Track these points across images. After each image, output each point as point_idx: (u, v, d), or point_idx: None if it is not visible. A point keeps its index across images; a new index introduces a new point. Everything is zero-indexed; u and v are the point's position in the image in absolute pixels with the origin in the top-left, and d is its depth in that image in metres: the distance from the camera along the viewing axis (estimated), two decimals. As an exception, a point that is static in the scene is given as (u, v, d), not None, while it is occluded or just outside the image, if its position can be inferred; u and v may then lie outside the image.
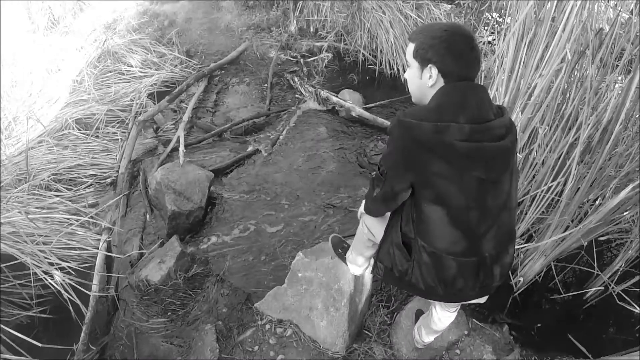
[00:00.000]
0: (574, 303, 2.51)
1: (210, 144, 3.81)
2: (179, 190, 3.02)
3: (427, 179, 1.34)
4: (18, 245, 2.50)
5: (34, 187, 3.19)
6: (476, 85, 1.36)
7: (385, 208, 1.61)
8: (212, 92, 4.44)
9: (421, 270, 1.50)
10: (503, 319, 2.48)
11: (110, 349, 2.51)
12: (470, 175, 1.33)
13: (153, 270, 2.65)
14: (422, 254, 1.48)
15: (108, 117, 3.91)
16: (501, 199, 1.42)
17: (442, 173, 1.32)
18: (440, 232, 1.42)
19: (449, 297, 1.57)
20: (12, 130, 3.78)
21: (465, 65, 1.33)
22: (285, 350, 2.34)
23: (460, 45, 1.32)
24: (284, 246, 2.92)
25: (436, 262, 1.46)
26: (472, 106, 1.31)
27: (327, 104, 4.10)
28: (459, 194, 1.35)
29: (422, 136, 1.28)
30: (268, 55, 4.92)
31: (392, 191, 1.45)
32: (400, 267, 1.58)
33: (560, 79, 2.19)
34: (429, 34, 1.35)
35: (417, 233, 1.49)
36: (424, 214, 1.43)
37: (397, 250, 1.58)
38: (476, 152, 1.30)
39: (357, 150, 3.62)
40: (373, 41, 4.73)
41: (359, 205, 3.11)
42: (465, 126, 1.27)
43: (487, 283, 1.51)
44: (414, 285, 1.56)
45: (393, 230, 1.61)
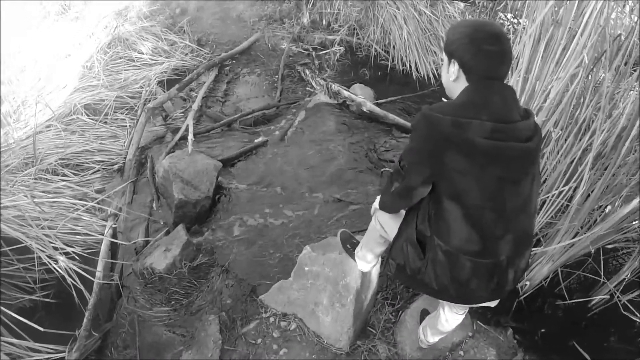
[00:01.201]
0: (579, 310, 2.48)
1: (219, 134, 3.78)
2: (187, 179, 2.99)
3: (446, 174, 1.33)
4: (23, 229, 2.48)
5: (41, 171, 3.18)
6: (503, 85, 1.35)
7: (402, 204, 1.61)
8: (222, 82, 4.41)
9: (435, 269, 1.49)
10: (508, 322, 2.46)
11: (112, 335, 2.50)
12: (490, 173, 1.32)
13: (158, 259, 2.63)
14: (437, 253, 1.46)
15: (117, 104, 3.90)
16: (520, 201, 1.40)
17: (461, 169, 1.31)
18: (456, 230, 1.40)
19: (461, 298, 1.56)
20: (21, 114, 3.77)
21: (486, 62, 1.32)
22: (288, 344, 2.32)
23: (481, 41, 1.31)
24: (291, 239, 2.89)
25: (451, 261, 1.44)
26: (497, 105, 1.30)
27: (338, 98, 4.06)
28: (476, 191, 1.33)
29: (443, 129, 1.28)
30: (280, 47, 4.87)
31: (411, 186, 1.44)
32: (413, 265, 1.56)
33: (576, 83, 2.16)
34: (456, 29, 1.36)
35: (434, 231, 1.48)
36: (441, 211, 1.41)
37: (411, 248, 1.56)
38: (498, 151, 1.28)
39: (367, 145, 3.58)
40: (386, 36, 4.68)
41: (367, 200, 3.11)
42: (487, 124, 1.26)
43: (500, 286, 1.49)
44: (426, 284, 1.54)
45: (408, 227, 1.60)
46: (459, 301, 1.61)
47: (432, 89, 4.31)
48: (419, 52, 4.53)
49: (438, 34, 4.56)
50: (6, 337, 2.17)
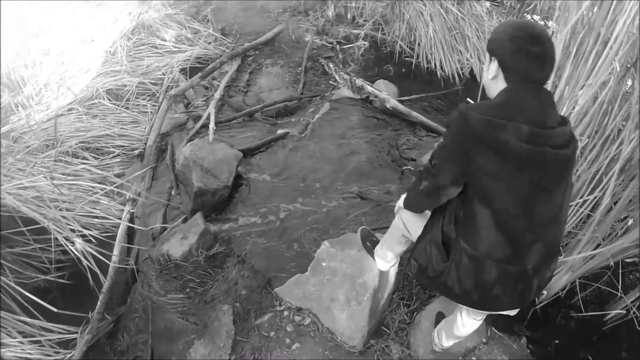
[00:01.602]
0: (594, 323, 2.42)
1: (240, 124, 3.76)
2: (207, 168, 2.97)
3: (477, 175, 1.30)
4: (41, 209, 2.47)
5: (61, 154, 3.19)
6: (541, 89, 1.32)
7: (429, 204, 1.58)
8: (245, 72, 4.39)
9: (459, 273, 1.45)
10: (522, 330, 2.40)
11: (125, 320, 2.49)
12: (523, 178, 1.28)
13: (175, 246, 2.62)
14: (462, 256, 1.43)
15: (139, 90, 3.91)
16: (552, 210, 1.37)
17: (493, 171, 1.28)
18: (485, 235, 1.37)
19: (482, 304, 1.52)
20: (43, 96, 3.79)
21: (526, 62, 1.29)
22: (301, 339, 2.29)
23: (522, 41, 1.28)
24: (309, 233, 2.85)
25: (476, 266, 1.41)
26: (534, 109, 1.27)
27: (362, 93, 4.01)
28: (508, 196, 1.30)
29: (478, 129, 1.25)
30: (303, 39, 4.84)
31: (441, 185, 1.42)
32: (436, 267, 1.53)
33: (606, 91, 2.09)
34: (500, 27, 1.35)
35: (460, 234, 1.44)
36: (471, 214, 1.38)
37: (435, 250, 1.53)
38: (533, 156, 1.25)
39: (389, 142, 3.52)
40: (411, 33, 4.61)
41: (387, 198, 3.05)
42: (523, 127, 1.23)
43: (523, 295, 1.46)
44: (448, 287, 1.51)
45: (434, 228, 1.56)
46: (480, 307, 1.56)
47: (456, 89, 4.23)
48: (444, 50, 4.45)
49: (464, 33, 4.47)
50: (19, 315, 2.18)
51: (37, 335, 2.14)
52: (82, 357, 2.23)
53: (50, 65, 4.00)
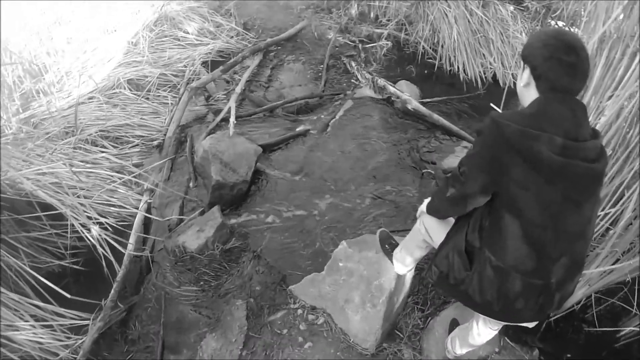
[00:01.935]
0: (607, 339, 2.36)
1: (260, 119, 3.74)
2: (226, 161, 2.95)
3: (507, 185, 1.28)
4: (59, 196, 2.48)
5: (81, 141, 3.20)
6: (575, 100, 1.29)
7: (455, 211, 1.56)
8: (266, 67, 4.37)
9: (481, 282, 1.43)
10: (535, 342, 2.35)
11: (137, 309, 2.49)
12: (553, 191, 1.26)
13: (191, 238, 2.61)
14: (486, 266, 1.40)
15: (160, 81, 3.91)
16: (581, 224, 1.35)
17: (524, 182, 1.26)
18: (512, 247, 1.34)
19: (502, 315, 1.50)
20: (64, 84, 3.81)
21: (558, 71, 1.26)
22: (314, 338, 2.27)
23: (555, 49, 1.26)
24: (325, 232, 2.82)
25: (500, 277, 1.39)
26: (568, 120, 1.25)
27: (383, 93, 3.96)
28: (537, 208, 1.28)
29: (511, 138, 1.23)
30: (326, 36, 4.81)
31: (468, 193, 1.39)
32: (457, 275, 1.50)
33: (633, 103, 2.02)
34: (534, 35, 1.34)
35: (485, 243, 1.42)
36: (498, 224, 1.35)
37: (457, 257, 1.50)
38: (565, 169, 1.23)
39: (409, 144, 3.47)
40: (435, 34, 4.55)
41: (406, 200, 3.01)
42: (557, 139, 1.21)
43: (543, 308, 1.44)
44: (469, 296, 1.49)
45: (457, 235, 1.54)
46: (500, 318, 1.54)
47: (478, 93, 4.16)
48: (467, 53, 4.39)
49: (488, 37, 4.40)
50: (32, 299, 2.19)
51: (49, 319, 2.14)
52: (93, 344, 2.23)
53: (73, 54, 4.03)
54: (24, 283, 2.27)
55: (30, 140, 3.05)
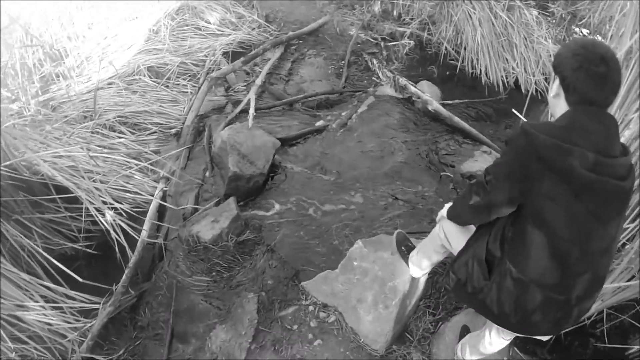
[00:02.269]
0: (615, 356, 2.30)
1: (280, 112, 3.73)
2: (244, 153, 2.94)
3: (536, 198, 1.27)
4: (75, 179, 2.47)
5: (99, 126, 3.20)
6: (606, 114, 1.27)
7: (477, 219, 1.54)
8: (287, 61, 4.35)
9: (499, 293, 1.41)
10: (544, 354, 2.31)
11: (148, 296, 2.49)
12: (582, 207, 1.25)
13: (205, 228, 2.59)
14: (506, 278, 1.39)
15: (180, 69, 3.90)
16: (606, 241, 1.33)
17: (553, 196, 1.24)
18: (536, 261, 1.33)
19: (518, 327, 1.48)
20: (84, 68, 3.82)
21: (587, 82, 1.24)
22: (324, 336, 2.25)
23: (585, 60, 1.24)
24: (340, 230, 2.79)
25: (520, 290, 1.37)
26: (600, 135, 1.23)
27: (404, 93, 3.92)
28: (565, 223, 1.26)
29: (544, 152, 1.21)
30: (348, 33, 4.77)
31: (494, 203, 1.37)
32: (476, 284, 1.49)
33: None
34: (565, 45, 1.32)
35: (507, 254, 1.40)
36: (523, 237, 1.34)
37: (477, 266, 1.49)
38: (595, 185, 1.21)
39: (428, 146, 3.43)
40: (458, 36, 4.48)
41: (423, 202, 2.97)
42: (589, 154, 1.19)
43: (560, 323, 1.42)
44: (486, 306, 1.47)
45: (478, 243, 1.52)
46: (516, 330, 1.52)
47: (499, 97, 4.09)
48: (490, 56, 4.32)
49: (512, 41, 4.32)
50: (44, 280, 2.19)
51: (60, 301, 2.15)
52: (102, 328, 2.23)
53: (93, 39, 4.03)
54: (35, 264, 2.27)
55: (49, 123, 3.05)
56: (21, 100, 3.19)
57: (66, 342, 2.11)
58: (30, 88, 3.38)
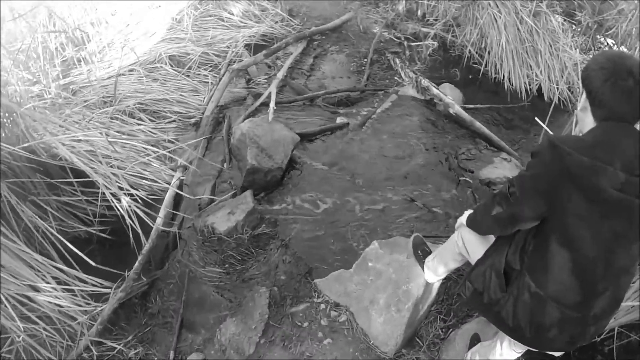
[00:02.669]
0: None
1: (300, 107, 3.71)
2: (263, 146, 2.92)
3: (563, 215, 1.24)
4: (92, 164, 2.48)
5: (118, 112, 3.21)
6: (634, 130, 1.23)
7: (498, 230, 1.52)
8: (309, 56, 4.32)
9: (516, 307, 1.39)
10: None
11: (160, 284, 2.49)
12: (609, 226, 1.22)
13: (221, 220, 2.58)
14: (524, 292, 1.37)
15: (201, 59, 3.91)
16: (628, 261, 1.31)
17: (583, 215, 1.21)
18: (558, 278, 1.30)
19: (532, 342, 1.45)
20: (106, 54, 3.85)
21: (614, 96, 1.21)
22: (334, 335, 2.22)
23: (612, 73, 1.20)
24: (356, 229, 2.75)
25: (537, 305, 1.35)
26: (630, 154, 1.18)
27: (426, 94, 3.86)
28: (592, 242, 1.23)
29: (576, 170, 1.17)
30: (371, 30, 4.72)
31: (518, 217, 1.35)
32: (492, 295, 1.46)
33: None
34: (593, 57, 1.28)
35: (526, 268, 1.38)
36: (545, 252, 1.31)
37: (494, 277, 1.46)
38: (620, 204, 1.18)
39: (448, 149, 3.38)
40: (483, 39, 4.40)
41: (441, 207, 2.93)
42: (620, 174, 1.15)
43: (575, 340, 1.40)
44: (501, 318, 1.45)
45: (497, 254, 1.50)
46: (528, 344, 1.49)
47: (522, 104, 4.01)
48: (514, 62, 4.24)
49: (537, 47, 4.24)
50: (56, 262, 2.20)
51: (71, 284, 2.15)
52: (112, 313, 2.24)
53: (116, 26, 4.05)
54: (49, 245, 2.29)
55: (68, 106, 3.08)
56: (42, 83, 3.21)
57: (75, 325, 2.13)
58: (51, 71, 3.40)
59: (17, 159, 2.32)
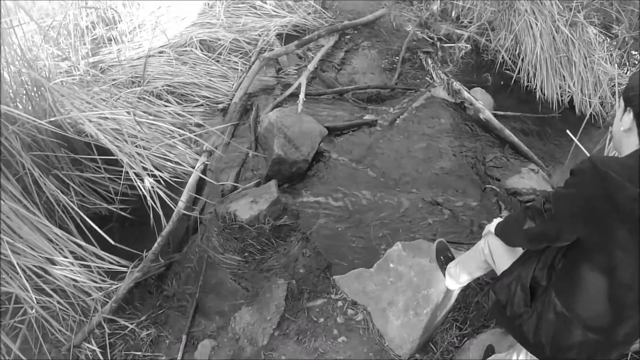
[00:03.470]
0: None
1: (329, 100, 3.66)
2: (290, 137, 2.89)
3: (607, 244, 1.17)
4: (117, 142, 2.47)
5: (146, 92, 3.20)
6: None
7: (527, 244, 1.47)
8: (340, 49, 4.27)
9: (539, 324, 1.35)
10: None
11: (177, 267, 2.48)
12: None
13: (243, 208, 2.56)
14: (549, 310, 1.33)
15: (232, 46, 3.89)
16: None
17: (628, 245, 1.14)
18: (591, 302, 1.26)
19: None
20: (136, 35, 3.86)
21: None
22: (349, 334, 2.19)
23: None
24: (378, 228, 2.71)
25: (562, 325, 1.30)
26: None
27: (457, 97, 3.79)
28: (631, 271, 1.17)
29: (621, 200, 1.09)
30: (404, 28, 4.65)
31: (550, 235, 1.30)
32: (516, 308, 1.42)
33: None
34: (636, 74, 1.20)
35: (554, 286, 1.34)
36: (575, 272, 1.27)
37: (520, 291, 1.43)
38: None
39: (476, 155, 3.31)
40: (517, 46, 4.30)
41: (466, 213, 2.87)
42: None
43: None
44: (522, 332, 1.41)
45: (525, 268, 1.46)
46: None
47: (552, 115, 3.92)
48: (548, 71, 4.13)
49: (571, 58, 4.13)
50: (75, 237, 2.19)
51: (88, 260, 2.15)
52: (127, 292, 2.24)
53: (148, 7, 4.06)
54: (69, 220, 2.29)
55: (96, 84, 3.08)
56: (71, 60, 3.22)
57: (90, 301, 2.13)
58: (81, 49, 3.42)
59: (42, 133, 2.32)
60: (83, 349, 2.09)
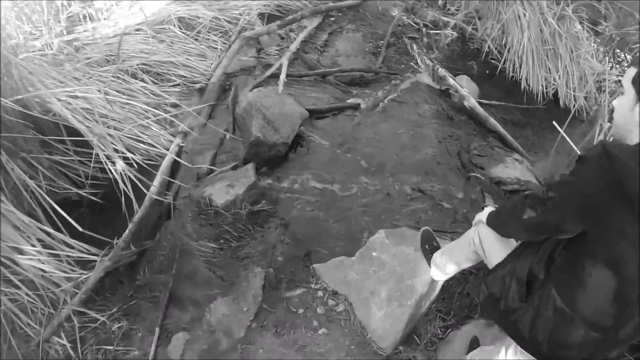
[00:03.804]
0: None
1: (311, 82, 3.57)
2: (270, 118, 2.78)
3: (614, 237, 1.12)
4: (88, 122, 2.33)
5: (120, 71, 3.04)
6: None
7: (525, 235, 1.40)
8: (324, 31, 4.17)
9: (535, 319, 1.29)
10: None
11: (149, 254, 2.35)
12: None
13: (219, 192, 2.45)
14: (547, 306, 1.26)
15: (212, 24, 3.74)
16: None
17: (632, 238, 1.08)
18: (594, 299, 1.20)
19: (547, 358, 1.34)
20: (113, 12, 3.67)
21: None
22: (330, 325, 2.11)
23: None
24: (360, 215, 2.63)
25: (561, 322, 1.24)
26: None
27: (442, 84, 3.74)
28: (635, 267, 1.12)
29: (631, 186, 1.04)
30: (389, 13, 4.58)
31: (551, 225, 1.22)
32: (510, 303, 1.35)
33: None
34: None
35: (553, 280, 1.26)
36: (578, 266, 1.20)
37: (515, 285, 1.35)
38: None
39: (460, 143, 3.25)
40: (504, 36, 4.26)
41: (449, 200, 2.80)
42: None
43: None
44: (517, 329, 1.34)
45: (521, 260, 1.38)
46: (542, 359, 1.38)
47: (537, 107, 3.89)
48: (534, 62, 4.10)
49: (558, 51, 4.10)
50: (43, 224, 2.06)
51: (57, 248, 2.02)
52: (97, 282, 2.11)
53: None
54: (37, 206, 2.14)
55: (70, 63, 2.91)
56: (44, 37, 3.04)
57: (59, 292, 2.00)
58: (55, 27, 3.22)
59: (9, 113, 2.15)
60: (53, 344, 1.96)
